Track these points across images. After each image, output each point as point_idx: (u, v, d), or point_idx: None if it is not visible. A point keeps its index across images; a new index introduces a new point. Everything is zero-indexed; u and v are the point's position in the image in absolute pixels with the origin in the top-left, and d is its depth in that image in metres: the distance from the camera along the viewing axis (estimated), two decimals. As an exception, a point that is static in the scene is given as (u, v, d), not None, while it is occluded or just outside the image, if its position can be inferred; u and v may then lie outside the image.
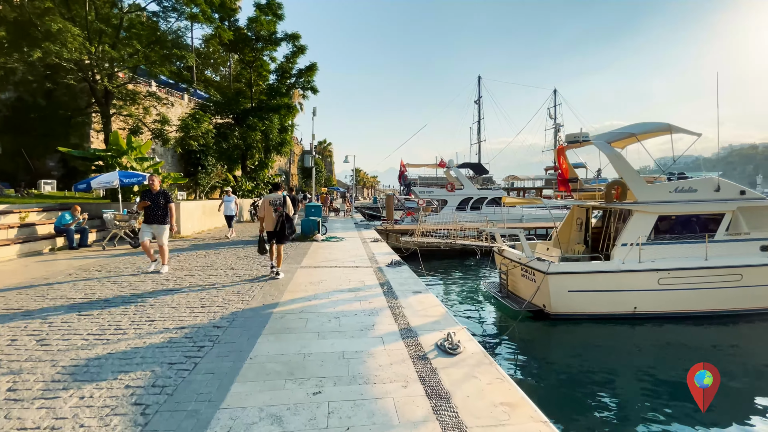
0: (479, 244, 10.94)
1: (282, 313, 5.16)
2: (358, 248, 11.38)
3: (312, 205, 14.32)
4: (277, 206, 7.37)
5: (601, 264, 9.25)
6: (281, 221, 7.32)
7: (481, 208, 25.74)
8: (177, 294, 6.10)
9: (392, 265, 8.62)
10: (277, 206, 7.37)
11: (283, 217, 7.34)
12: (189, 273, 7.67)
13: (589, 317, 9.26)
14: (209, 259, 9.33)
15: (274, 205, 7.38)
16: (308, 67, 24.43)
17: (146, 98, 19.08)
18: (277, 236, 7.41)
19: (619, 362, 7.41)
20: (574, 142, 10.59)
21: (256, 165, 26.15)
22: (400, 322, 4.83)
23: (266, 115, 23.53)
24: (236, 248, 11.11)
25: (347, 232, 15.90)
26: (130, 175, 11.01)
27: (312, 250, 10.84)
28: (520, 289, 10.13)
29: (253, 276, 7.47)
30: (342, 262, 9.10)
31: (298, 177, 71.16)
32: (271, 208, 7.38)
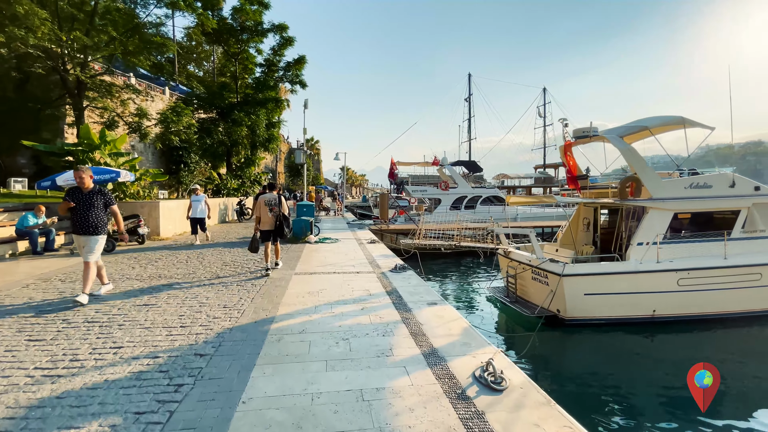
0: (485, 246, 10.26)
1: (279, 333, 4.33)
2: (355, 250, 10.56)
3: (304, 204, 13.42)
4: (272, 206, 7.56)
5: (618, 265, 8.66)
6: (279, 220, 7.56)
7: (476, 207, 25.20)
8: (152, 309, 5.19)
9: (396, 270, 7.84)
10: (273, 206, 7.56)
11: (279, 216, 7.57)
12: (167, 282, 6.74)
13: (606, 322, 8.67)
14: (191, 264, 8.38)
15: (270, 205, 7.56)
16: (297, 60, 23.38)
17: (123, 90, 17.81)
18: (274, 235, 7.64)
19: (650, 376, 6.79)
20: (583, 137, 9.98)
21: (242, 162, 24.98)
22: (421, 343, 4.05)
23: (253, 110, 22.39)
24: (222, 251, 10.16)
25: (341, 233, 15.05)
26: (102, 171, 9.94)
27: (306, 253, 9.98)
28: (531, 293, 9.47)
29: (242, 284, 6.59)
30: (340, 266, 8.27)
31: (285, 175, 69.73)
32: (267, 208, 7.55)
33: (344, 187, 32.62)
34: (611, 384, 6.36)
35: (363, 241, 12.42)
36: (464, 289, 12.83)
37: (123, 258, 9.13)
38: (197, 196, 11.93)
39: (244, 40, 23.28)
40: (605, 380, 6.51)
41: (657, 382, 6.40)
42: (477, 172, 28.73)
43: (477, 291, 12.27)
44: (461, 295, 12.12)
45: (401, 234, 18.01)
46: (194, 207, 11.79)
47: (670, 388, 6.09)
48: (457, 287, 13.11)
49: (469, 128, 46.50)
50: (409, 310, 5.17)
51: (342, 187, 34.09)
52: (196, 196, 11.92)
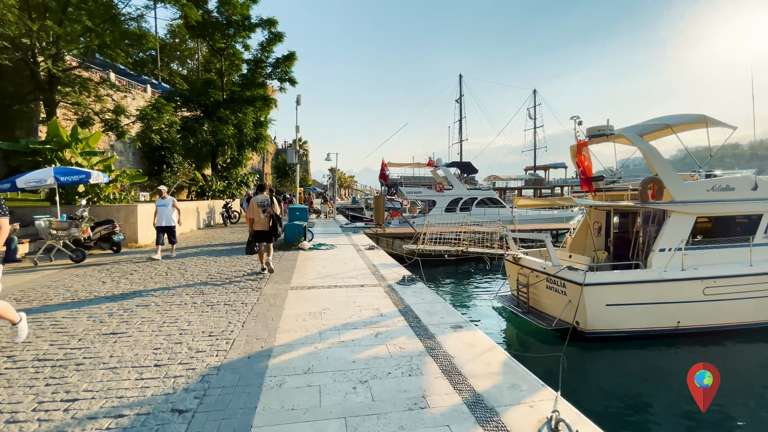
0: (494, 252, 9.53)
1: (279, 374, 3.47)
2: (354, 258, 9.71)
3: (296, 207, 12.50)
4: (265, 207, 7.65)
5: (642, 273, 8.02)
6: (272, 221, 7.66)
7: (471, 209, 24.60)
8: (121, 340, 4.27)
9: (405, 282, 7.03)
10: (266, 207, 7.66)
11: (273, 217, 7.67)
12: (143, 302, 5.78)
13: (628, 335, 8.04)
14: (172, 277, 7.41)
15: (263, 206, 7.65)
16: (286, 57, 22.38)
17: (100, 86, 16.59)
18: (270, 235, 7.73)
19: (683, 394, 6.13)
20: (599, 136, 9.35)
21: (228, 163, 23.84)
22: (460, 387, 3.25)
23: (240, 108, 21.33)
24: (207, 261, 9.19)
25: (335, 238, 14.17)
26: (71, 172, 8.88)
27: (301, 262, 9.09)
28: (545, 303, 8.78)
29: (231, 303, 5.68)
30: (341, 278, 7.42)
31: (273, 176, 68.27)
32: (260, 210, 7.63)
33: (335, 188, 31.71)
34: (643, 404, 5.67)
35: (360, 247, 11.58)
36: (468, 298, 12.10)
37: (93, 270, 8.10)
38: (163, 199, 9.77)
39: (230, 35, 22.20)
40: (637, 400, 5.82)
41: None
42: (472, 173, 28.18)
43: (482, 299, 11.55)
44: (465, 305, 11.37)
45: (398, 238, 17.22)
46: (159, 213, 9.66)
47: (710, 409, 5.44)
48: (460, 296, 12.37)
49: (461, 129, 46.02)
50: (431, 337, 4.36)
51: (333, 188, 33.14)
52: (162, 199, 9.77)
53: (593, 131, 9.42)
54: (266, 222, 7.64)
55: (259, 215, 7.63)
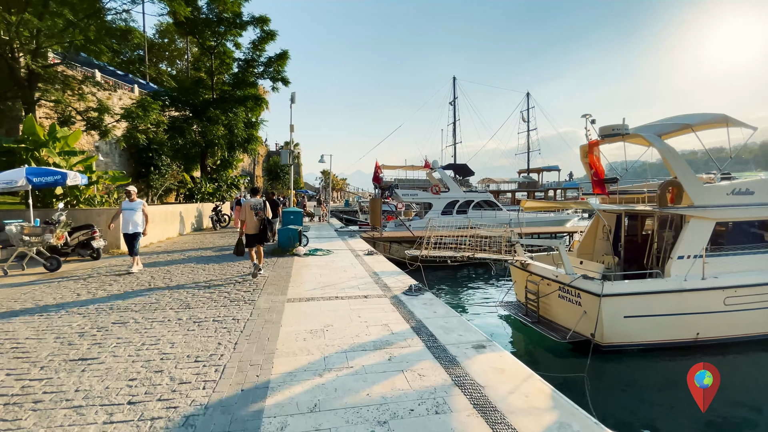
0: (503, 258, 9.02)
1: (280, 413, 2.87)
2: (353, 265, 9.12)
3: (291, 211, 11.86)
4: (258, 210, 7.71)
5: (662, 282, 7.58)
6: (263, 224, 7.76)
7: (468, 211, 24.17)
8: (90, 368, 3.63)
9: (411, 292, 6.46)
10: (258, 210, 7.72)
11: (264, 220, 7.76)
12: (120, 318, 5.12)
13: (645, 347, 7.58)
14: (155, 287, 6.74)
15: (255, 210, 7.70)
16: (279, 56, 21.71)
17: (83, 83, 15.76)
18: (259, 239, 7.80)
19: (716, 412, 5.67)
20: (612, 136, 8.94)
21: (218, 164, 23.04)
22: (499, 427, 2.69)
23: (230, 107, 20.61)
24: (195, 269, 8.51)
25: (331, 242, 13.55)
26: (44, 173, 8.15)
27: (296, 269, 8.47)
28: (557, 313, 8.29)
29: (221, 319, 5.06)
30: (341, 288, 6.82)
31: (264, 179, 67.29)
32: (253, 212, 7.68)
33: (329, 191, 31.04)
34: (673, 418, 5.19)
35: (359, 253, 10.99)
36: (470, 305, 11.58)
37: (68, 281, 7.38)
38: (131, 202, 8.26)
39: (221, 33, 21.49)
40: (666, 415, 5.34)
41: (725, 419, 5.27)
42: (468, 175, 27.79)
43: (485, 307, 11.04)
44: (468, 312, 10.85)
45: (395, 242, 16.68)
46: (125, 218, 8.12)
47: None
48: (462, 302, 11.85)
49: (454, 132, 45.77)
50: (454, 361, 3.80)
51: (326, 191, 32.49)
52: (130, 202, 8.26)
53: (606, 131, 9.01)
54: (257, 225, 7.75)
55: (252, 218, 7.68)
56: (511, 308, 9.86)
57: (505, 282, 13.49)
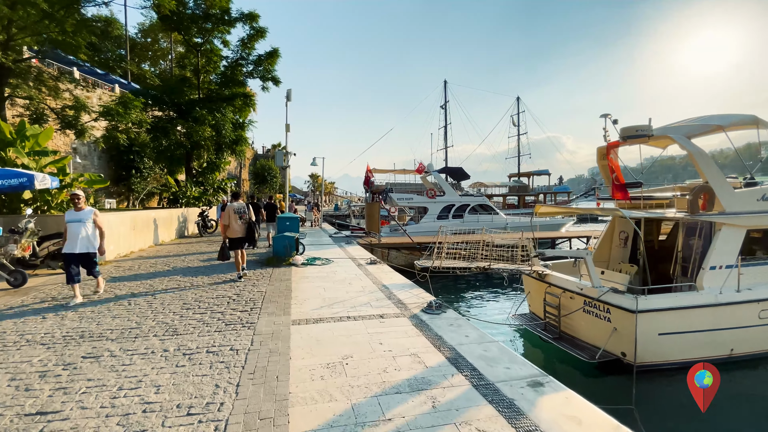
0: (523, 269, 8.36)
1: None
2: (357, 276, 8.32)
3: (287, 216, 10.99)
4: (242, 214, 7.81)
5: (696, 296, 7.02)
6: (249, 228, 7.87)
7: (464, 216, 23.61)
8: (50, 427, 2.76)
9: (432, 309, 5.72)
10: (242, 214, 7.82)
11: (248, 223, 7.86)
12: (90, 351, 4.23)
13: (679, 366, 7.00)
14: (136, 311, 5.82)
15: (239, 213, 7.78)
16: (269, 54, 20.82)
17: (58, 80, 14.60)
18: (246, 241, 7.93)
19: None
20: (636, 137, 8.41)
21: (205, 167, 21.94)
22: None
23: (217, 107, 19.59)
24: (181, 281, 7.59)
25: (328, 250, 12.72)
26: (6, 174, 7.13)
27: (297, 283, 7.62)
28: (581, 329, 7.65)
29: (217, 350, 4.21)
30: (351, 305, 6.03)
31: (251, 183, 65.84)
32: (236, 216, 7.72)
33: (321, 195, 30.16)
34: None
35: (361, 262, 10.20)
36: (477, 318, 10.87)
37: (33, 299, 6.40)
38: (77, 211, 6.39)
39: (208, 30, 20.49)
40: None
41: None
42: (464, 179, 27.27)
43: (496, 319, 10.35)
44: (481, 325, 10.13)
45: (393, 249, 15.93)
46: (71, 233, 6.25)
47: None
48: (468, 315, 11.14)
49: (446, 135, 45.36)
50: (513, 407, 3.06)
51: (318, 195, 31.56)
52: (75, 212, 6.40)
53: (629, 131, 8.46)
54: (242, 229, 7.83)
55: (236, 222, 7.73)
56: (524, 321, 9.20)
57: (515, 292, 12.88)
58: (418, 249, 16.34)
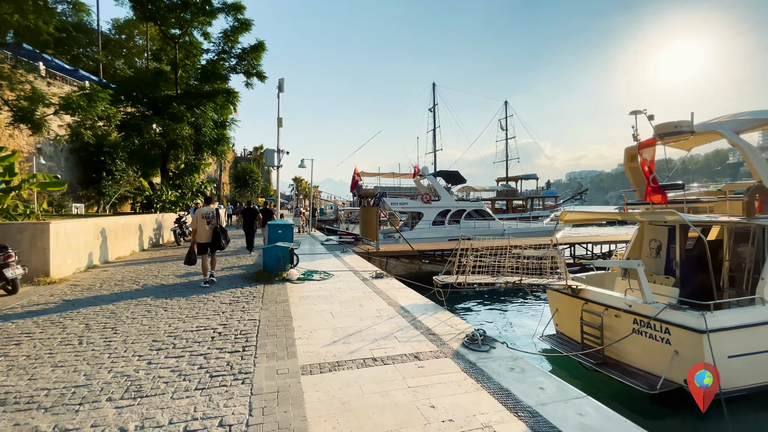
0: (556, 284, 7.26)
1: None
2: (366, 295, 7.05)
3: (279, 224, 9.60)
4: (210, 219, 7.70)
5: (765, 311, 6.07)
6: (215, 233, 7.72)
7: (460, 221, 22.62)
8: None
9: (476, 344, 4.51)
10: (210, 219, 7.71)
11: (216, 229, 7.74)
12: (23, 419, 2.83)
13: (745, 394, 6.02)
14: (88, 355, 4.39)
15: (207, 218, 7.68)
16: (253, 47, 19.32)
17: (15, 69, 12.79)
18: (212, 246, 7.79)
19: None
20: (676, 134, 7.49)
21: (182, 168, 20.19)
22: None
23: (197, 103, 17.98)
24: (153, 308, 6.15)
25: (323, 260, 11.38)
26: None
27: (296, 305, 6.28)
28: (631, 353, 6.59)
29: (197, 423, 2.88)
30: (373, 337, 4.76)
31: (231, 186, 63.50)
32: (204, 221, 7.64)
33: (312, 199, 28.65)
34: None
35: (365, 275, 8.92)
36: (500, 338, 9.74)
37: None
38: None
39: (187, 20, 18.88)
40: None
41: None
42: (460, 183, 26.30)
43: (519, 338, 9.24)
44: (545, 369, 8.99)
45: (392, 257, 14.69)
46: None
47: None
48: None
49: (434, 139, 44.54)
50: None
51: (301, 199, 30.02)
52: None
53: (666, 128, 7.54)
54: (209, 234, 7.72)
55: (203, 227, 7.66)
56: (555, 343, 8.13)
57: (531, 304, 11.83)
58: (418, 257, 15.18)
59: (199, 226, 7.64)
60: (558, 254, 7.82)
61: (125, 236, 11.94)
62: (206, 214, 7.68)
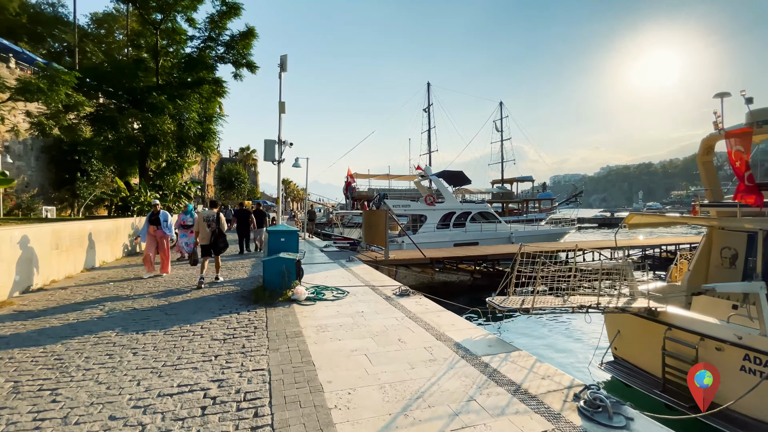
0: (635, 307, 5.81)
1: None
2: (401, 323, 5.48)
3: (281, 230, 7.94)
4: (210, 222, 7.99)
5: None
6: (214, 236, 7.99)
7: (466, 224, 21.22)
8: None
9: (600, 413, 3.00)
10: (211, 222, 7.99)
11: (216, 232, 8.02)
12: None
13: None
14: (26, 415, 2.72)
15: (208, 221, 7.99)
16: (243, 34, 17.55)
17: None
18: (212, 249, 8.07)
19: None
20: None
21: (164, 167, 18.27)
22: None
23: (180, 93, 16.13)
24: (119, 349, 4.47)
25: (329, 271, 9.77)
26: None
27: (314, 343, 4.65)
28: (743, 397, 5.18)
29: None
30: (443, 402, 3.20)
31: (216, 188, 61.03)
32: (205, 224, 7.97)
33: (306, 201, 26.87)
34: None
35: (386, 292, 7.36)
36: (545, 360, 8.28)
37: None
38: None
39: (169, 4, 17.04)
40: None
41: None
42: (466, 184, 24.93)
43: (572, 366, 7.78)
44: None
45: (402, 266, 13.13)
46: None
47: None
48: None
49: (429, 139, 43.25)
50: None
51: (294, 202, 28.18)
52: None
53: (763, 114, 6.21)
54: (209, 236, 7.97)
55: (204, 229, 7.95)
56: (622, 374, 6.71)
57: (563, 317, 10.40)
58: (430, 266, 13.68)
59: (200, 229, 7.99)
60: (629, 266, 6.39)
61: (94, 244, 10.09)
62: (207, 217, 8.00)
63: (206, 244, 8.00)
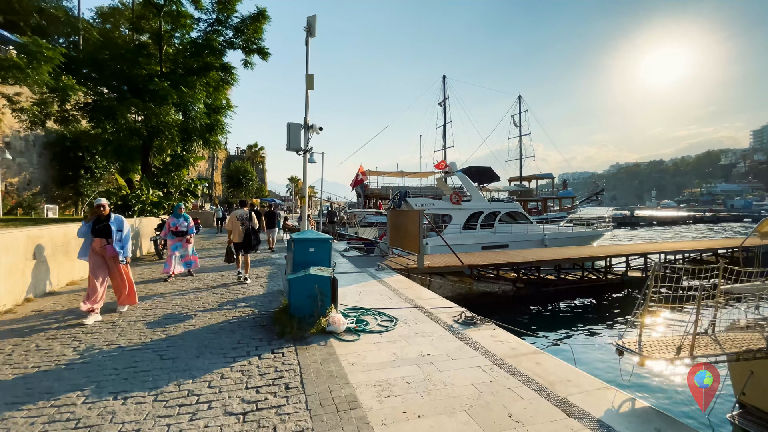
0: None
1: None
2: (494, 375, 3.83)
3: (309, 237, 6.26)
4: (243, 221, 8.42)
5: None
6: (247, 234, 8.42)
7: (494, 225, 19.48)
8: None
9: None
10: (244, 221, 8.43)
11: (249, 230, 8.47)
12: None
13: None
14: None
15: (242, 220, 8.42)
16: (254, 17, 15.96)
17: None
18: (244, 247, 8.54)
19: None
20: None
21: (168, 163, 16.77)
22: None
23: (185, 80, 14.61)
24: (88, 417, 2.87)
25: (360, 284, 8.14)
26: None
27: (383, 424, 3.03)
28: None
29: None
30: None
31: (223, 186, 59.76)
32: (239, 223, 8.40)
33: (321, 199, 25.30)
34: None
35: (444, 319, 5.70)
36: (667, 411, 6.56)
37: None
38: None
39: (173, -17, 15.51)
40: None
41: None
42: (494, 181, 23.15)
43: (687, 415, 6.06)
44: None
45: (437, 274, 11.45)
46: None
47: None
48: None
49: (444, 134, 41.42)
50: None
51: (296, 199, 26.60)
52: None
53: None
54: (242, 234, 8.36)
55: (238, 228, 8.37)
56: (756, 429, 5.01)
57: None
58: (468, 274, 11.99)
59: (234, 228, 8.35)
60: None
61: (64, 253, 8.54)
62: (240, 216, 8.39)
63: (239, 242, 8.39)
